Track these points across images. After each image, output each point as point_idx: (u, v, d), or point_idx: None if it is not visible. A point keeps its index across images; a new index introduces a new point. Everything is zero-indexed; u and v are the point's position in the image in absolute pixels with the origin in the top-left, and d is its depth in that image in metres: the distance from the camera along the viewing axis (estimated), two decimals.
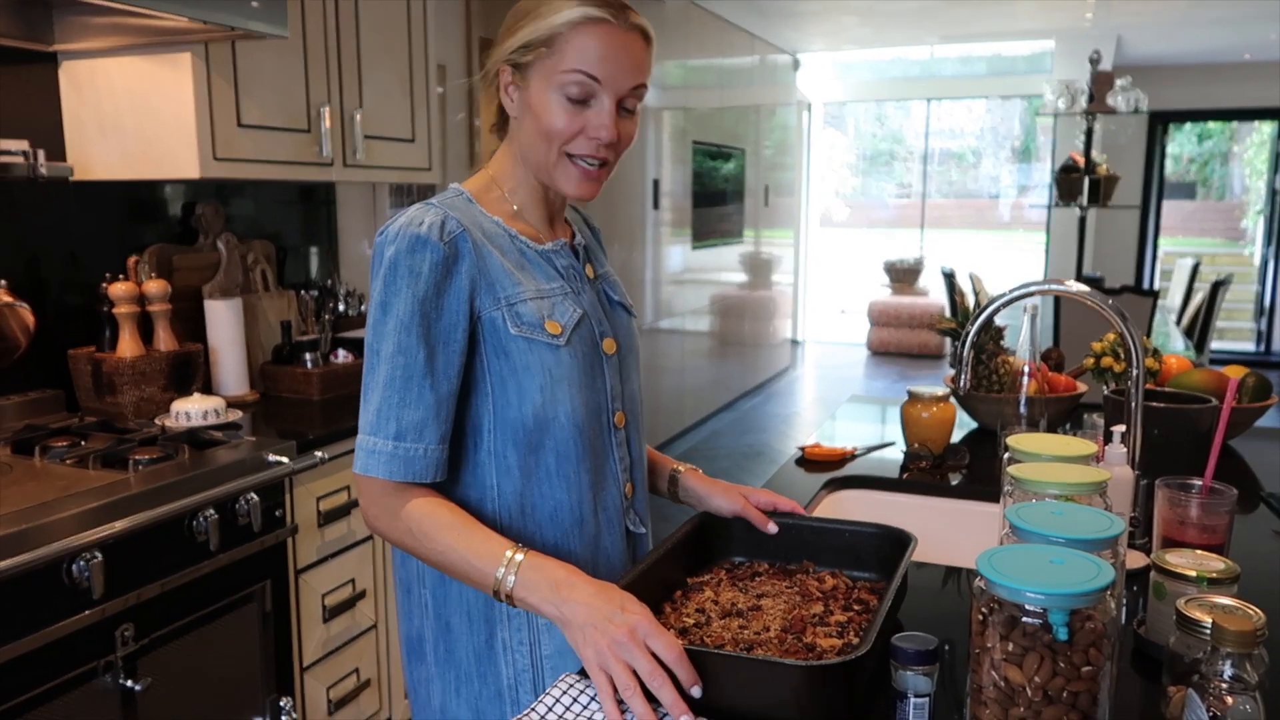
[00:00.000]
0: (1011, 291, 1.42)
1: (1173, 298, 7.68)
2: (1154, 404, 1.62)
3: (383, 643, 2.32)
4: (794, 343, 9.34)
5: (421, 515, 1.06)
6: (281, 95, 2.24)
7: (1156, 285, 8.87)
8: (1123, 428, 1.32)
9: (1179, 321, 6.68)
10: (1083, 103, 5.19)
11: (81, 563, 1.53)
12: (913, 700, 0.88)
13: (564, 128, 1.10)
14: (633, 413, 1.24)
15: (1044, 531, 0.86)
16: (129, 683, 1.63)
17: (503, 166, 1.19)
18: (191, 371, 2.27)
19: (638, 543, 1.26)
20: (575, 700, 0.92)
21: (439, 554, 1.05)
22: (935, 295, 9.42)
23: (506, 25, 1.13)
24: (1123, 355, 1.97)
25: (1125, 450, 1.30)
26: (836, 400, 7.18)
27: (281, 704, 1.99)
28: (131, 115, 2.10)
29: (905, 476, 1.79)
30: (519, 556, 1.00)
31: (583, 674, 0.97)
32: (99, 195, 2.25)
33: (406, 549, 1.09)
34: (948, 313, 7.50)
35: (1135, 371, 1.35)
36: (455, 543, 1.03)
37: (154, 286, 2.21)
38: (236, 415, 2.16)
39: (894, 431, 2.07)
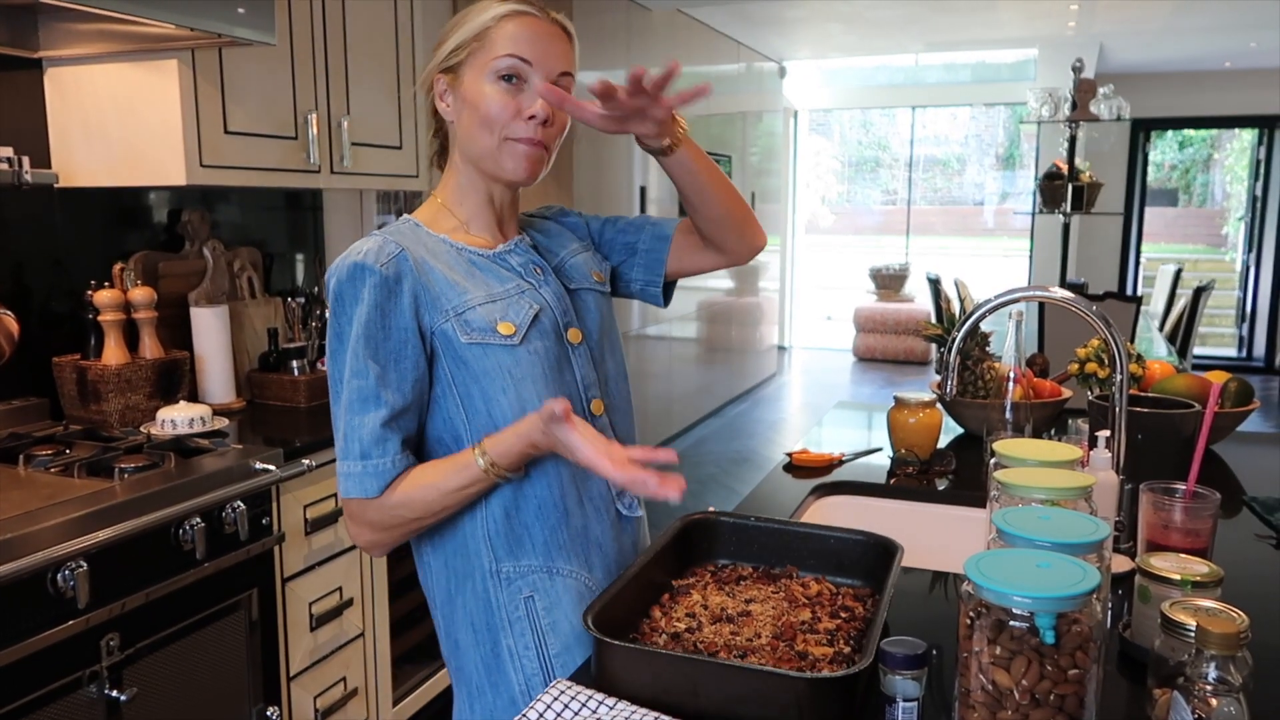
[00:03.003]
0: (997, 297, 1.43)
1: (1155, 304, 7.73)
2: (1138, 409, 1.64)
3: (370, 651, 2.31)
4: (781, 349, 9.36)
5: (400, 497, 1.09)
6: (268, 102, 2.24)
7: (1139, 291, 8.93)
8: (1107, 433, 1.33)
9: (1162, 327, 6.73)
10: (1066, 110, 5.23)
11: (66, 572, 1.52)
12: (901, 704, 0.88)
13: (500, 110, 1.14)
14: (613, 397, 1.25)
15: (1030, 536, 0.87)
16: (114, 693, 1.62)
17: (446, 185, 1.23)
18: (177, 379, 2.26)
19: (635, 526, 1.28)
20: (566, 706, 0.92)
21: (429, 504, 1.09)
22: (921, 302, 9.47)
23: (436, 45, 1.19)
24: (1106, 361, 1.99)
25: (1110, 455, 1.31)
26: (823, 406, 7.20)
27: (268, 713, 1.98)
28: (117, 122, 2.09)
29: (892, 482, 1.80)
30: (483, 446, 1.08)
31: (574, 680, 0.97)
32: (84, 202, 2.24)
33: (409, 532, 1.13)
34: (933, 319, 7.54)
35: (1119, 377, 1.36)
36: (435, 483, 1.09)
37: (139, 294, 2.20)
38: (223, 423, 2.15)
39: (881, 437, 2.08)
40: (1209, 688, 0.77)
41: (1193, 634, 0.81)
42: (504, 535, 1.15)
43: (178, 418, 2.07)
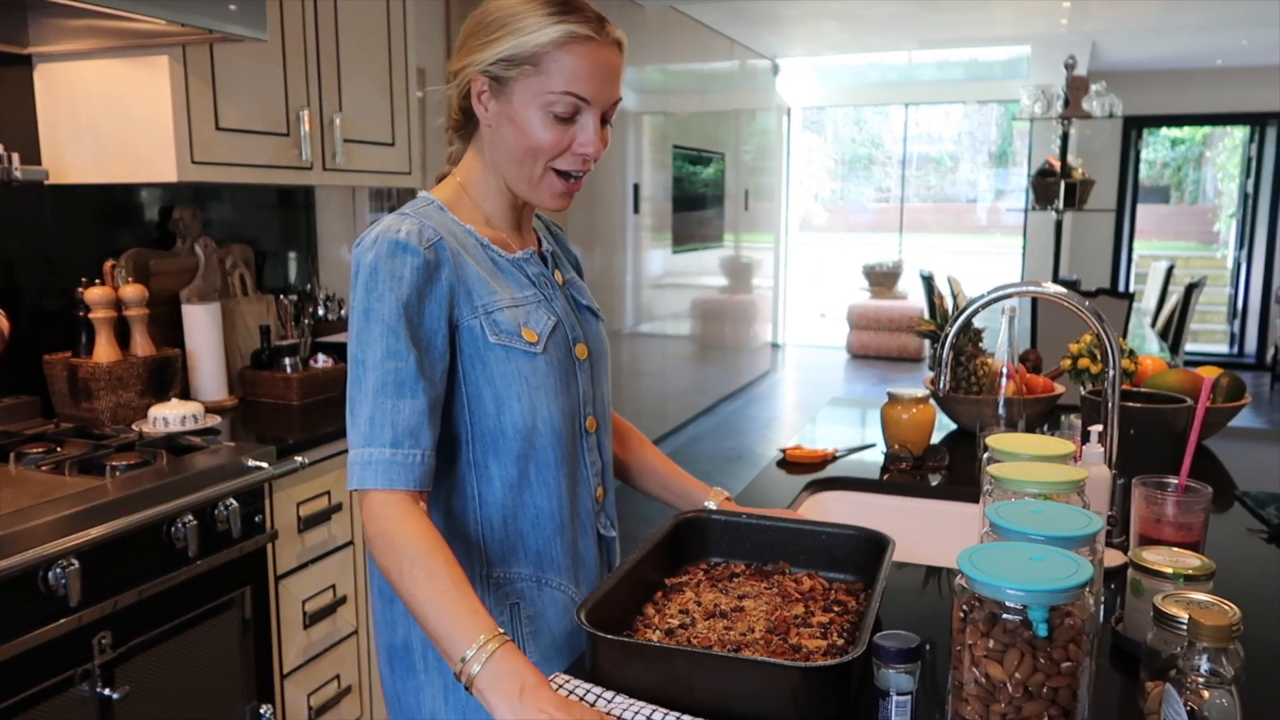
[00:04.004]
0: (989, 293, 1.43)
1: (1148, 300, 7.76)
2: (1130, 404, 1.64)
3: (364, 648, 2.31)
4: (774, 346, 9.37)
5: (417, 553, 0.98)
6: (260, 98, 2.23)
7: (1132, 288, 8.97)
8: (1099, 428, 1.33)
9: (1154, 324, 6.75)
10: (1058, 108, 5.24)
11: (58, 570, 1.51)
12: (895, 698, 0.89)
13: (551, 145, 1.09)
14: (603, 417, 1.25)
15: (1023, 530, 0.87)
16: (107, 691, 1.62)
17: (471, 174, 1.18)
18: (169, 377, 2.25)
19: (609, 547, 1.27)
20: (570, 694, 0.92)
21: (419, 603, 0.97)
22: (914, 299, 9.49)
23: (474, 31, 1.11)
24: (1099, 356, 1.99)
25: (1102, 450, 1.31)
26: (817, 403, 7.21)
27: (262, 711, 1.97)
28: (108, 118, 2.08)
29: (886, 478, 1.80)
30: (493, 645, 0.92)
31: (572, 670, 0.97)
32: (75, 199, 2.23)
33: (389, 579, 1.02)
34: (926, 315, 7.52)
35: (1111, 372, 1.37)
36: (438, 599, 0.95)
37: (131, 291, 2.19)
38: (215, 420, 2.14)
39: (874, 433, 2.08)
40: (1201, 680, 0.77)
41: (1185, 627, 0.81)
42: (499, 541, 1.14)
43: (169, 415, 2.06)
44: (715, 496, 1.37)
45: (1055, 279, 5.55)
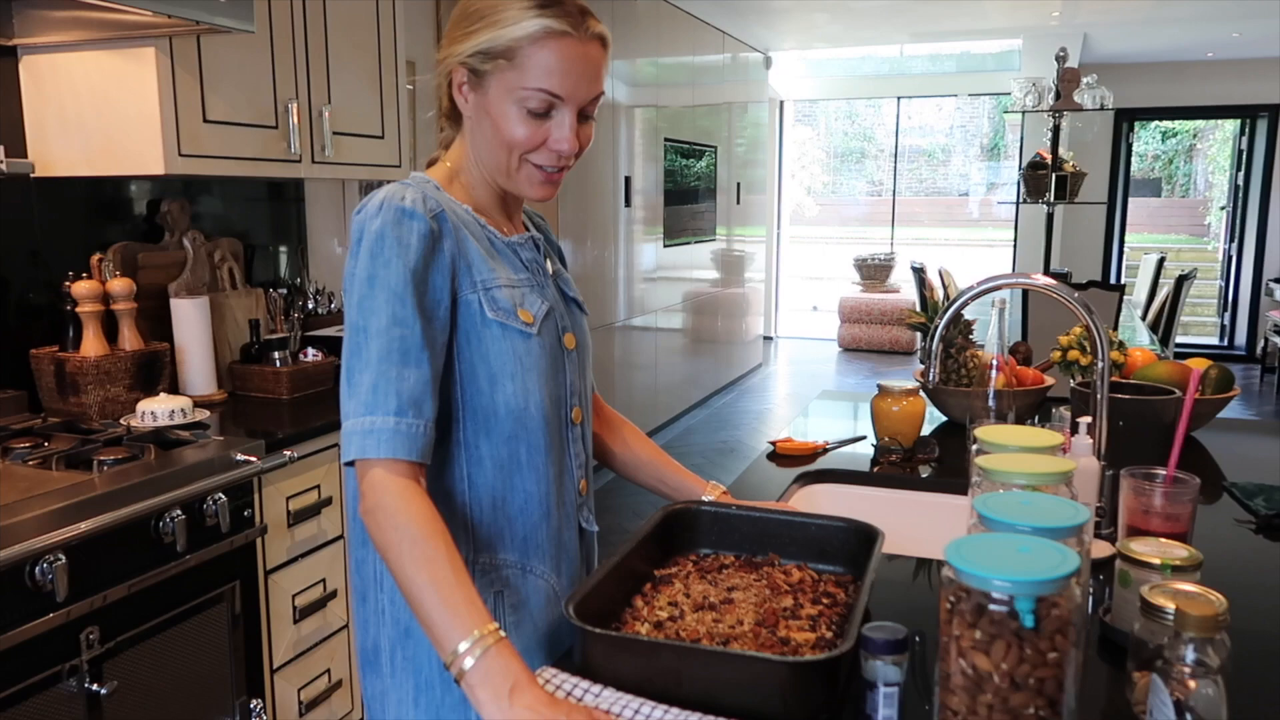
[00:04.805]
0: (980, 284, 1.43)
1: (1138, 292, 7.79)
2: (1119, 396, 1.64)
3: (355, 643, 2.30)
4: (766, 339, 9.37)
5: (419, 535, 0.95)
6: (248, 91, 2.22)
7: (1122, 280, 8.99)
8: (1088, 419, 1.33)
9: (1144, 316, 6.77)
10: (1050, 100, 5.25)
11: (45, 565, 1.50)
12: (883, 689, 0.88)
13: (525, 140, 1.09)
14: (587, 409, 1.25)
15: (1011, 521, 0.87)
16: (94, 687, 1.61)
17: (461, 162, 1.18)
18: (157, 371, 2.24)
19: (589, 541, 1.27)
20: (558, 688, 0.92)
21: (416, 586, 0.94)
22: (906, 292, 9.50)
23: (457, 21, 1.11)
24: (1089, 348, 2.00)
25: (1091, 441, 1.31)
26: (808, 396, 7.22)
27: (251, 706, 1.97)
28: (94, 111, 2.07)
29: (876, 470, 1.80)
30: (488, 641, 0.90)
31: (560, 664, 0.97)
32: (62, 192, 2.22)
33: (385, 555, 0.98)
34: (918, 308, 7.55)
35: (1101, 364, 1.37)
36: (436, 586, 0.93)
37: (119, 285, 2.17)
38: (204, 415, 2.13)
39: (865, 426, 2.08)
40: (1187, 670, 0.77)
41: (1172, 617, 0.81)
42: (487, 525, 1.13)
43: (158, 409, 2.05)
44: (711, 491, 1.37)
45: (1046, 272, 5.56)
